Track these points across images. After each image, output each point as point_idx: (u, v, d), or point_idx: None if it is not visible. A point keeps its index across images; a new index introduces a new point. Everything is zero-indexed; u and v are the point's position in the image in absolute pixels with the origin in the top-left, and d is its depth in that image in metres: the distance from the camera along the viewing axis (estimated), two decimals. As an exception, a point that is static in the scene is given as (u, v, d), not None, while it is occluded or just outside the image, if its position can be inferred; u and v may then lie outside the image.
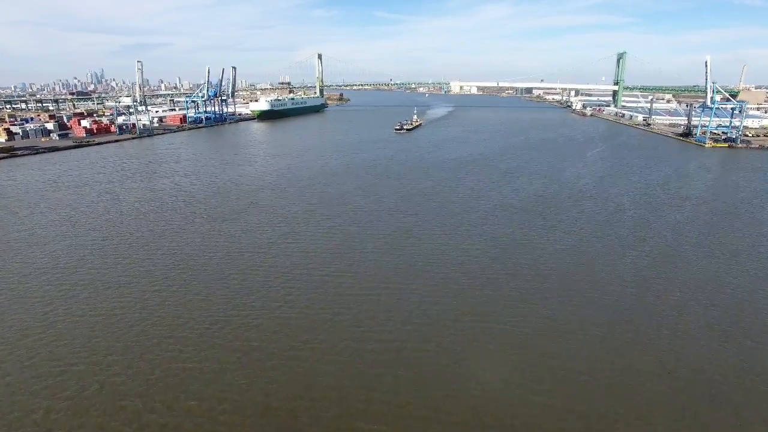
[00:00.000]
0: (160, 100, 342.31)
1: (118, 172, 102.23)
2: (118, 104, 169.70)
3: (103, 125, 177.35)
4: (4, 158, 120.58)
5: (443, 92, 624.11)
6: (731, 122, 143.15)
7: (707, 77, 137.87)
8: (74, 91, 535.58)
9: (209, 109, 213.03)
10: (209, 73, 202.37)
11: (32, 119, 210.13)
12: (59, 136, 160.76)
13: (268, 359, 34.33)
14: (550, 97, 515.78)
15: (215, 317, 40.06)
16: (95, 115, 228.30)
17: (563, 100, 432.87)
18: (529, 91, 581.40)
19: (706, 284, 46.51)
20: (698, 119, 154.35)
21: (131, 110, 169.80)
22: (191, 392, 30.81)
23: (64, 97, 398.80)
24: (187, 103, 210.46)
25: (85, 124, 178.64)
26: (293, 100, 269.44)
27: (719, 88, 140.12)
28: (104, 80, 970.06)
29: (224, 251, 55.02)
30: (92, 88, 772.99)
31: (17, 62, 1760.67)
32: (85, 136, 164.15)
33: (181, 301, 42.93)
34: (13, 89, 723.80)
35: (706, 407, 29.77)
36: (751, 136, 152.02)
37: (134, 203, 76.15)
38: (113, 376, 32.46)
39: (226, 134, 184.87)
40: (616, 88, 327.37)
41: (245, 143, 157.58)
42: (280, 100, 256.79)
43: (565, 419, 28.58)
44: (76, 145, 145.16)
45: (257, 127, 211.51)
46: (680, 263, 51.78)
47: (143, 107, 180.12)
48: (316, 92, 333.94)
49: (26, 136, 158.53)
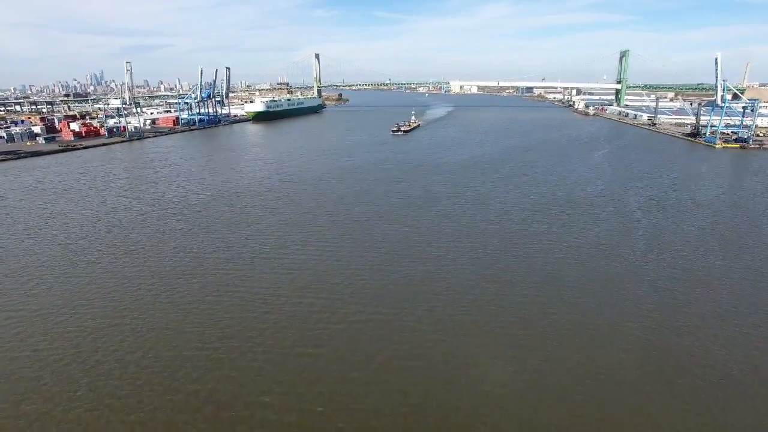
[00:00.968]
0: (156, 101, 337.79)
1: (96, 179, 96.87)
2: (106, 106, 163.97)
3: (92, 128, 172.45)
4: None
5: (443, 92, 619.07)
6: (742, 121, 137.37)
7: (717, 75, 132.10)
8: (69, 93, 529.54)
9: (203, 110, 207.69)
10: (202, 73, 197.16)
11: (23, 122, 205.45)
12: (46, 139, 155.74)
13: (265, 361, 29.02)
14: (551, 96, 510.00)
15: (183, 353, 34.72)
16: (88, 117, 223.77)
17: (565, 99, 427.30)
18: (529, 90, 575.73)
19: (732, 303, 41.07)
20: (707, 119, 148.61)
21: (121, 112, 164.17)
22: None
23: (59, 99, 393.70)
24: (179, 104, 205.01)
25: (74, 127, 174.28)
26: (289, 101, 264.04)
27: (730, 86, 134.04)
28: (104, 82, 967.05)
29: (198, 269, 49.65)
30: (92, 89, 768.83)
31: (18, 64, 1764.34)
32: (72, 139, 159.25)
33: (149, 326, 37.59)
34: (12, 91, 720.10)
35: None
36: (762, 135, 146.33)
37: (107, 214, 70.76)
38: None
39: (218, 137, 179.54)
40: (618, 86, 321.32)
41: (236, 146, 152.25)
42: (275, 101, 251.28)
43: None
44: (61, 149, 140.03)
45: (251, 129, 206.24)
46: (705, 282, 46.27)
47: (133, 109, 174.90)
48: (313, 93, 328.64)
49: (11, 139, 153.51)
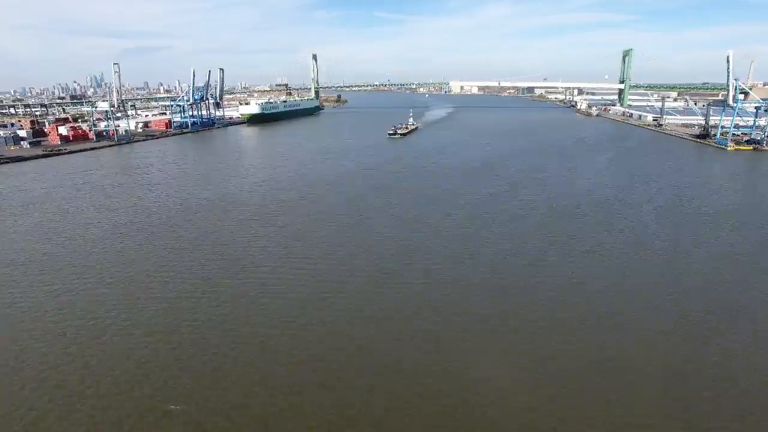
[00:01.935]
0: (154, 103, 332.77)
1: (74, 187, 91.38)
2: (94, 109, 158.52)
3: (80, 132, 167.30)
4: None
5: (444, 92, 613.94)
6: (755, 122, 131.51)
7: (729, 73, 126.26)
8: (65, 95, 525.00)
9: (196, 113, 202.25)
10: (194, 75, 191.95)
11: (12, 125, 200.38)
12: (31, 143, 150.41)
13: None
14: (552, 96, 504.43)
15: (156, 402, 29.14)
16: (80, 120, 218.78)
17: (566, 99, 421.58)
18: (530, 90, 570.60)
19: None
20: (715, 119, 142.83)
21: (109, 115, 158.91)
22: None
23: (53, 101, 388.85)
24: (171, 107, 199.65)
25: (62, 130, 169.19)
26: (285, 102, 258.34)
27: (743, 85, 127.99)
28: (104, 84, 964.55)
29: (167, 299, 44.12)
30: (92, 92, 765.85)
31: (19, 67, 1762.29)
32: (59, 143, 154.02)
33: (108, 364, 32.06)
34: (12, 93, 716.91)
35: None
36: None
37: (78, 227, 65.33)
38: None
39: (210, 140, 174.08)
40: (621, 86, 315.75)
41: (227, 151, 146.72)
42: (271, 102, 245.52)
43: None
44: (45, 154, 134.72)
45: (246, 132, 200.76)
46: (735, 308, 40.59)
47: (127, 112, 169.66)
48: (311, 94, 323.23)
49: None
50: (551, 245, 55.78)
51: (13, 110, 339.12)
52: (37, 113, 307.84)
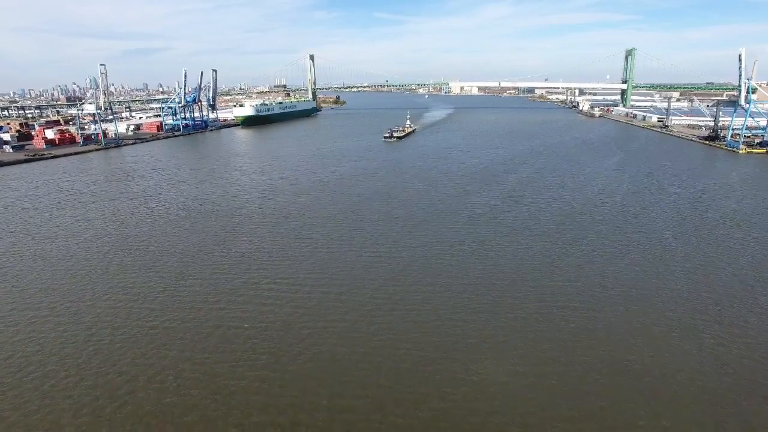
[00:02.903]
0: (150, 105, 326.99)
1: (51, 195, 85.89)
2: (80, 112, 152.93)
3: (66, 135, 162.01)
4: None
5: (444, 93, 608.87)
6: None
7: (741, 73, 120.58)
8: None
9: (188, 115, 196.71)
10: (186, 76, 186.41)
11: (1, 128, 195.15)
12: (14, 148, 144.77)
13: None
14: (553, 96, 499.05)
15: None
16: (70, 123, 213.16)
17: (568, 99, 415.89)
18: (531, 90, 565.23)
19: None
20: (727, 120, 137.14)
21: (96, 118, 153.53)
22: None
23: (49, 103, 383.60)
24: (163, 109, 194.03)
25: (49, 134, 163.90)
26: (281, 104, 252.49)
27: (755, 85, 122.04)
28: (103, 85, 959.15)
29: (130, 323, 38.55)
30: (90, 93, 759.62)
31: (20, 69, 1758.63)
32: (44, 147, 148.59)
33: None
34: (11, 95, 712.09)
35: None
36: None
37: (49, 240, 59.79)
38: None
39: (202, 144, 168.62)
40: (624, 86, 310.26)
41: (218, 155, 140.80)
42: (266, 104, 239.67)
43: None
44: (27, 158, 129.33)
45: (239, 134, 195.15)
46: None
47: (111, 114, 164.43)
48: (308, 95, 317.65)
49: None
50: (562, 268, 50.17)
51: (7, 112, 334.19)
52: (29, 115, 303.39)
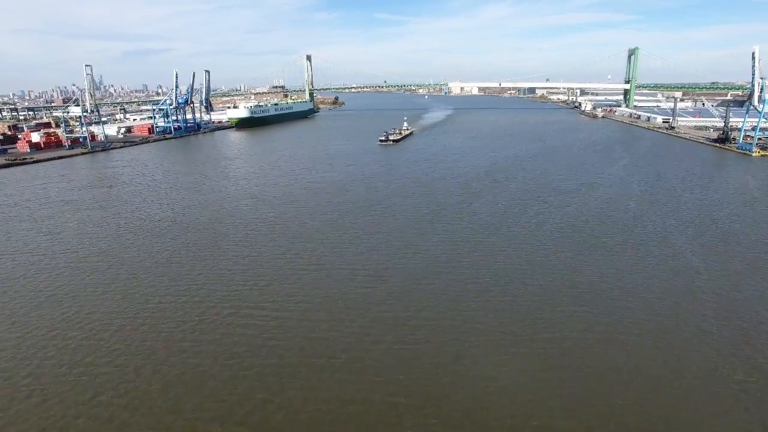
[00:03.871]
0: (143, 107, 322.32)
1: (23, 204, 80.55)
2: (66, 114, 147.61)
3: (53, 139, 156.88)
4: None
5: (443, 93, 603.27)
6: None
7: (755, 72, 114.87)
8: (57, 98, 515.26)
9: (180, 117, 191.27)
10: (177, 77, 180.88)
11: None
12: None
13: None
14: (554, 97, 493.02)
15: None
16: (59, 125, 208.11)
17: (569, 100, 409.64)
18: (532, 91, 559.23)
19: None
20: (736, 121, 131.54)
21: (82, 121, 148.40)
22: None
23: (43, 105, 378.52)
24: (154, 111, 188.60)
25: (35, 137, 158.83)
26: (276, 105, 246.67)
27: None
28: (103, 86, 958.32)
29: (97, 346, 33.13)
30: (89, 95, 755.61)
31: (20, 70, 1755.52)
32: (29, 151, 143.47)
33: None
34: (11, 96, 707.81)
35: None
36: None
37: (10, 256, 54.44)
38: None
39: (193, 147, 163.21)
40: (626, 86, 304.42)
41: (208, 159, 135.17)
42: (261, 105, 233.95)
43: None
44: (8, 163, 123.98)
45: (233, 137, 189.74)
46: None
47: (98, 116, 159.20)
48: (305, 96, 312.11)
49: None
50: (575, 286, 44.69)
51: (0, 114, 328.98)
52: (21, 117, 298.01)
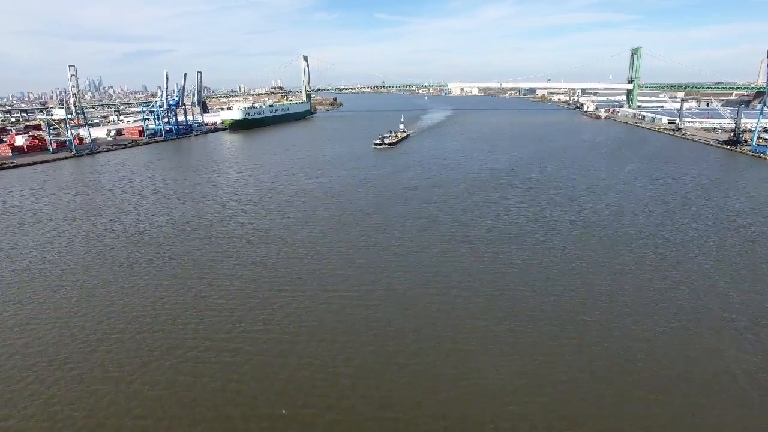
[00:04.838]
0: (134, 110, 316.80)
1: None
2: (50, 117, 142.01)
3: (37, 142, 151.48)
4: None
5: (443, 94, 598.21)
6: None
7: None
8: (54, 100, 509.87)
9: (171, 119, 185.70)
10: (167, 78, 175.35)
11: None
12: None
13: None
14: (555, 97, 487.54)
15: None
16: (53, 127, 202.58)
17: (571, 100, 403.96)
18: (532, 91, 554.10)
19: None
20: (749, 123, 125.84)
21: (66, 124, 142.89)
22: None
23: (35, 107, 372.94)
24: (143, 113, 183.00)
25: (19, 140, 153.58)
26: (271, 107, 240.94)
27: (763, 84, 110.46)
28: (102, 88, 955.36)
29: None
30: (90, 96, 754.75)
31: (21, 71, 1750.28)
32: (10, 155, 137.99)
33: None
34: (10, 98, 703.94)
35: None
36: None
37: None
38: None
39: (183, 151, 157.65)
40: (629, 86, 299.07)
41: (196, 163, 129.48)
42: (255, 107, 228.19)
43: None
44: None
45: (226, 139, 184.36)
46: None
47: (83, 119, 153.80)
48: (302, 97, 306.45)
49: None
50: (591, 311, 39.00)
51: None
52: (13, 119, 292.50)
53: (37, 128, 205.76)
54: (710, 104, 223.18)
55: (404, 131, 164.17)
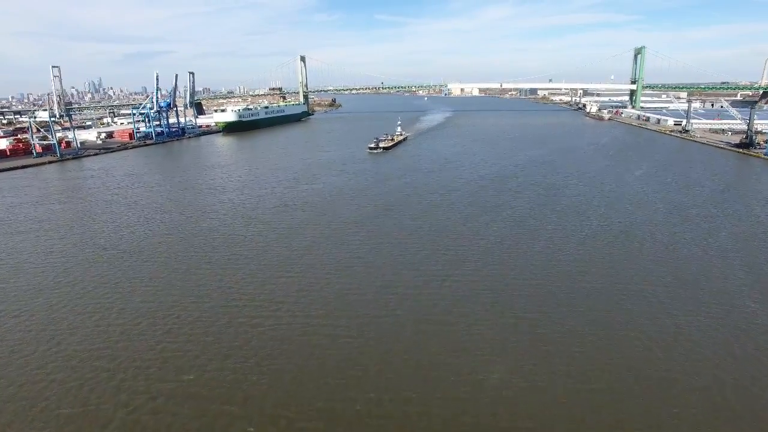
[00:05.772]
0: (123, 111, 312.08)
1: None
2: (33, 120, 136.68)
3: (21, 146, 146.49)
4: None
5: (443, 94, 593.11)
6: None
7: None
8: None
9: (163, 122, 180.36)
10: (158, 79, 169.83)
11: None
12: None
13: None
14: (556, 98, 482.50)
15: None
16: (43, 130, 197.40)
17: (572, 101, 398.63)
18: (533, 92, 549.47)
19: None
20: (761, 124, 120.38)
21: (50, 127, 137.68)
22: None
23: (27, 108, 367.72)
24: (134, 115, 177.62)
25: (1, 143, 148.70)
26: (267, 108, 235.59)
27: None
28: (102, 89, 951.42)
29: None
30: (89, 97, 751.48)
31: (21, 73, 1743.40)
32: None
33: None
34: (10, 99, 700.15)
35: None
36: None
37: None
38: None
39: (173, 154, 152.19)
40: (633, 87, 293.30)
41: (185, 167, 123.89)
42: (250, 109, 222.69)
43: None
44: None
45: (220, 142, 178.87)
46: None
47: (67, 121, 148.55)
48: (299, 98, 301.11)
49: None
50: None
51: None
52: (4, 122, 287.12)
53: (25, 131, 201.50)
54: (715, 105, 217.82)
55: (401, 134, 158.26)
